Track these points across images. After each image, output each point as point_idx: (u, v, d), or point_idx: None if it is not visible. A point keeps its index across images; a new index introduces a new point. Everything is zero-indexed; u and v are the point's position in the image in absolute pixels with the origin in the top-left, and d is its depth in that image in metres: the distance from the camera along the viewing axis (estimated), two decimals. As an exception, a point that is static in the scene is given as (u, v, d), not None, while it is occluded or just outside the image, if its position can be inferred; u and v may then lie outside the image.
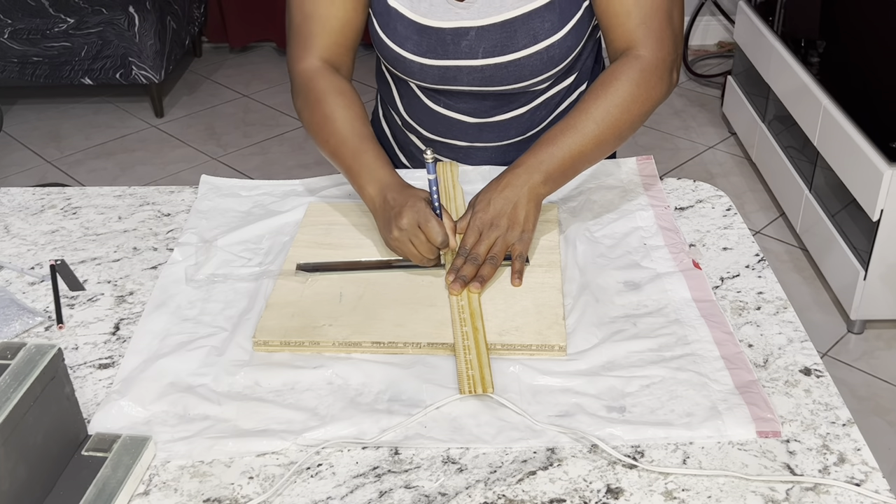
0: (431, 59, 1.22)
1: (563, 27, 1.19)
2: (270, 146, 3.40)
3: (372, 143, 1.17)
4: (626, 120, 1.14)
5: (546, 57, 1.21)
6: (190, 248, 1.18)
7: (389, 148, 1.47)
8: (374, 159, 1.15)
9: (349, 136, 1.17)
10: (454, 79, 1.24)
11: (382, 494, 0.83)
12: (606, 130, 1.13)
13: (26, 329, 1.05)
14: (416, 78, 1.26)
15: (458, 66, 1.22)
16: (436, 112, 1.32)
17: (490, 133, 1.33)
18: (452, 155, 1.37)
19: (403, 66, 1.25)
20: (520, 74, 1.22)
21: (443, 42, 1.21)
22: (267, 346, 1.00)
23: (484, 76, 1.23)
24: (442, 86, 1.26)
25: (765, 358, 0.98)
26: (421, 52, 1.22)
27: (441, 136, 1.35)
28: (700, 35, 4.05)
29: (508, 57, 1.20)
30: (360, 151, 1.15)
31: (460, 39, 1.20)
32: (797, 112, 2.57)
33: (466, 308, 1.01)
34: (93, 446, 0.86)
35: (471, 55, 1.21)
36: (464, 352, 0.95)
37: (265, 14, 4.05)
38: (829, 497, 0.81)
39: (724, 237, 1.20)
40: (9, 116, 3.60)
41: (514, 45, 1.19)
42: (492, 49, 1.20)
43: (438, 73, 1.23)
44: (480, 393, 0.90)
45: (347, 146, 1.16)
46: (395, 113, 1.40)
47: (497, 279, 1.08)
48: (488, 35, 1.19)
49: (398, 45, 1.23)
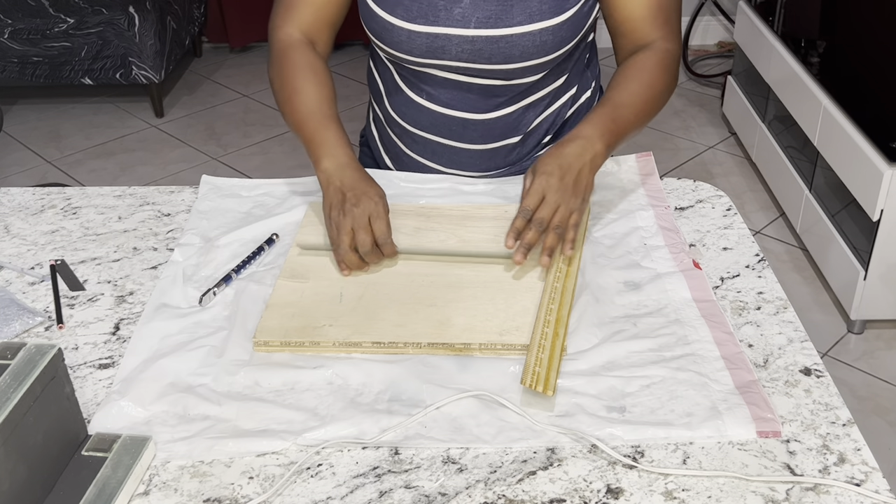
0: (420, 26, 1.21)
1: (560, 13, 1.19)
2: (270, 146, 3.40)
3: (335, 123, 1.20)
4: (657, 101, 1.22)
5: (539, 40, 1.20)
6: (190, 248, 1.18)
7: (376, 150, 1.46)
8: (335, 137, 1.18)
9: (315, 112, 1.20)
10: (442, 50, 1.22)
11: (382, 494, 0.83)
12: (644, 108, 1.20)
13: (26, 329, 1.05)
14: (403, 49, 1.24)
15: (447, 34, 1.21)
16: (419, 104, 1.31)
17: (475, 132, 1.31)
18: (437, 158, 1.35)
19: (391, 35, 1.23)
20: (510, 53, 1.21)
21: (434, 7, 1.20)
22: (267, 346, 1.00)
23: (473, 49, 1.21)
24: (428, 59, 1.24)
25: (765, 358, 0.98)
26: (410, 17, 1.21)
27: (425, 132, 1.33)
28: (700, 35, 4.05)
29: (501, 31, 1.19)
30: (323, 127, 1.19)
31: (453, 6, 1.20)
32: (797, 112, 2.57)
33: (555, 312, 1.01)
34: (93, 446, 0.86)
35: (463, 23, 1.20)
36: (538, 349, 0.95)
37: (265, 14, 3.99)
38: (829, 497, 0.81)
39: (724, 237, 1.20)
40: (9, 116, 3.60)
41: (509, 20, 1.19)
42: (485, 20, 1.19)
43: (426, 41, 1.22)
44: (540, 391, 0.90)
45: (311, 121, 1.20)
46: (381, 109, 1.39)
47: (498, 280, 1.08)
48: (484, 5, 1.19)
49: (388, 11, 1.22)
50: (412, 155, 1.37)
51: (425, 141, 1.34)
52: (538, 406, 0.92)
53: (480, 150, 1.33)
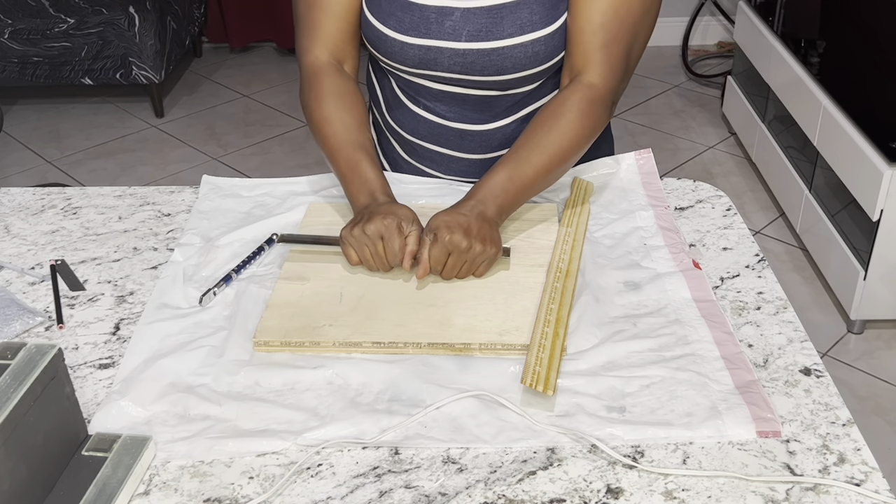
0: (413, 38, 1.21)
1: (551, 24, 1.19)
2: (270, 146, 3.40)
3: (366, 153, 1.18)
4: (573, 151, 1.17)
5: (531, 51, 1.19)
6: (190, 248, 1.18)
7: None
8: (368, 169, 1.16)
9: (344, 144, 1.18)
10: (434, 62, 1.22)
11: (382, 494, 0.83)
12: (554, 161, 1.15)
13: (26, 329, 1.05)
14: (396, 60, 1.24)
15: (439, 46, 1.20)
16: (417, 115, 1.30)
17: (472, 142, 1.30)
18: (436, 165, 1.35)
19: (384, 45, 1.23)
20: (501, 65, 1.20)
21: (426, 20, 1.20)
22: (267, 346, 1.00)
23: (465, 62, 1.21)
24: (421, 70, 1.24)
25: (765, 358, 0.98)
26: (403, 28, 1.21)
27: (423, 141, 1.32)
28: (700, 35, 4.05)
29: (493, 44, 1.19)
30: (355, 161, 1.17)
31: (444, 19, 1.19)
32: (797, 112, 2.57)
33: (555, 312, 1.01)
34: (93, 446, 0.86)
35: (454, 37, 1.20)
36: (538, 349, 0.95)
37: (265, 14, 4.05)
38: (829, 497, 0.81)
39: (724, 237, 1.20)
40: (9, 116, 3.60)
41: (500, 33, 1.18)
42: (476, 33, 1.19)
43: (419, 53, 1.22)
44: (540, 391, 0.90)
45: (343, 153, 1.18)
46: (379, 115, 1.39)
47: (498, 280, 1.08)
48: (474, 18, 1.19)
49: (381, 21, 1.22)
50: (411, 161, 1.37)
51: (424, 150, 1.34)
52: (538, 406, 0.92)
53: (480, 160, 1.32)
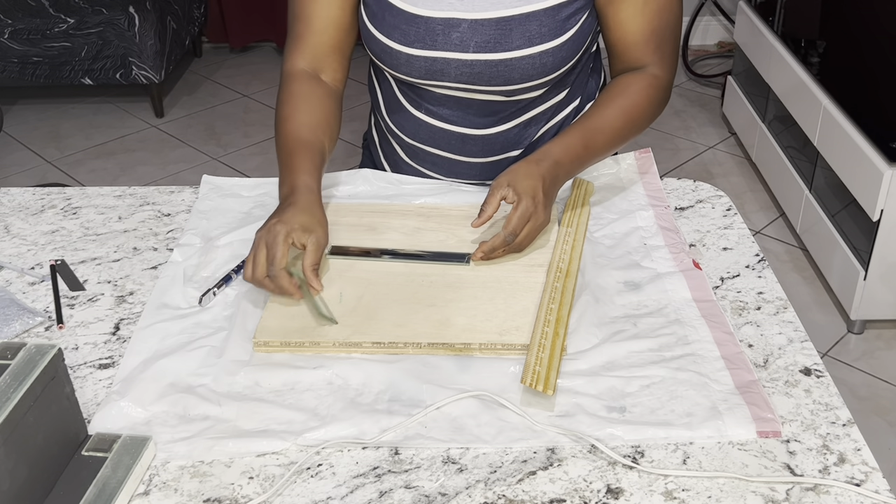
0: (418, 50, 1.20)
1: (560, 35, 1.18)
2: (270, 146, 3.40)
3: (306, 151, 1.17)
4: (632, 130, 1.22)
5: (539, 63, 1.19)
6: (190, 248, 1.18)
7: (376, 155, 1.45)
8: (300, 163, 1.15)
9: (291, 139, 1.19)
10: (441, 73, 1.21)
11: (382, 494, 0.83)
12: (620, 132, 1.20)
13: (26, 329, 1.05)
14: (402, 71, 1.24)
15: (446, 58, 1.20)
16: (418, 118, 1.30)
17: (475, 146, 1.30)
18: (437, 168, 1.34)
19: (389, 57, 1.23)
20: (509, 76, 1.20)
21: (432, 32, 1.19)
22: (267, 346, 1.00)
23: (472, 72, 1.20)
24: (427, 81, 1.23)
25: (765, 358, 0.98)
26: (408, 41, 1.20)
27: (424, 144, 1.32)
28: (700, 35, 4.05)
29: (501, 55, 1.19)
30: (291, 154, 1.17)
31: (451, 31, 1.19)
32: (797, 112, 2.57)
33: (555, 312, 1.01)
34: (93, 446, 0.86)
35: (462, 48, 1.19)
36: (538, 349, 0.95)
37: (265, 14, 4.05)
38: (829, 497, 0.81)
39: (724, 237, 1.20)
40: (9, 116, 3.60)
41: (508, 44, 1.18)
42: (484, 44, 1.18)
43: (425, 65, 1.21)
44: (540, 390, 0.90)
45: (285, 148, 1.18)
46: (380, 117, 1.38)
47: (498, 280, 1.08)
48: (482, 29, 1.18)
49: (385, 35, 1.22)
50: (412, 164, 1.36)
51: (425, 153, 1.34)
52: (538, 406, 0.92)
53: (481, 163, 1.32)
